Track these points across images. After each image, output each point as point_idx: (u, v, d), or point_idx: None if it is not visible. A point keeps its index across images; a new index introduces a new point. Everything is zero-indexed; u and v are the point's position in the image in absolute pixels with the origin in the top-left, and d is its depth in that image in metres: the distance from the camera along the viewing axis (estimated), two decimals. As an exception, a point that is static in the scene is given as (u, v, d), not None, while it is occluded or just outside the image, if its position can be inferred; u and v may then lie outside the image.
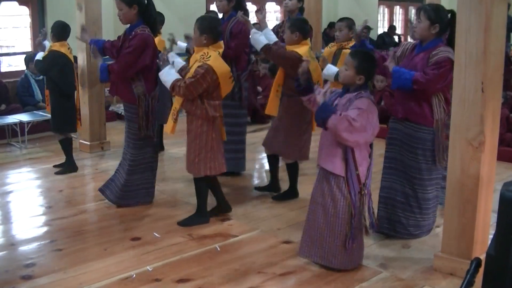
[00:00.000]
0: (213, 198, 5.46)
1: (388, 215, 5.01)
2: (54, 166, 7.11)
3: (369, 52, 4.61)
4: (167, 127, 5.32)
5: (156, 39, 6.07)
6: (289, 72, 5.53)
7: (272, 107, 5.84)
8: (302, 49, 5.63)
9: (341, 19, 6.58)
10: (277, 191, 6.18)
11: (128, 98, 5.56)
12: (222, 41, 5.29)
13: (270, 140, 5.96)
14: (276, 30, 7.07)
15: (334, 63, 6.18)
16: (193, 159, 5.17)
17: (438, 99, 4.74)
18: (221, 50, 5.19)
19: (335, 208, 4.27)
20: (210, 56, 5.03)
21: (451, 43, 4.71)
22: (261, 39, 5.70)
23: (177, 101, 5.23)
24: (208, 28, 5.08)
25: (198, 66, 4.98)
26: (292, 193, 6.08)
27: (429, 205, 4.97)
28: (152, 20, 5.62)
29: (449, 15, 4.74)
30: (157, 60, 5.33)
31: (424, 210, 4.95)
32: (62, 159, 7.13)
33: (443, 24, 4.70)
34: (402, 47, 5.02)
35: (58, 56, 6.71)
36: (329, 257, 4.36)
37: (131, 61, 5.41)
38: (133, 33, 5.46)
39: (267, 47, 5.67)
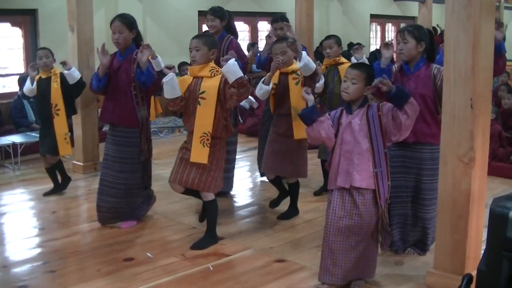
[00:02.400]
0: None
1: (403, 236, 5.02)
2: (44, 195, 6.93)
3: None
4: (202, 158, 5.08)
5: None
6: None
7: (301, 131, 5.52)
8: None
9: (329, 37, 6.64)
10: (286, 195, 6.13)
11: (131, 123, 5.54)
12: None
13: (270, 164, 5.85)
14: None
15: (330, 80, 6.25)
16: (206, 177, 5.10)
17: None
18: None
19: (364, 223, 4.20)
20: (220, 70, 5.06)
21: (430, 59, 4.78)
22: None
23: (201, 129, 5.03)
24: (215, 44, 5.16)
25: (223, 77, 4.95)
26: (294, 212, 6.07)
27: (431, 224, 4.93)
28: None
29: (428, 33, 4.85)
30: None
31: (426, 230, 4.94)
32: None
33: (427, 42, 4.76)
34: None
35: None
36: (366, 270, 4.38)
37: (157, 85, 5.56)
38: (135, 56, 5.45)
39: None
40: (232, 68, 4.84)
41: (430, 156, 4.80)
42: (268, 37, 6.60)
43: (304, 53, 5.45)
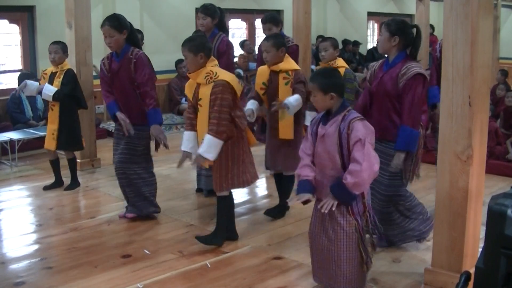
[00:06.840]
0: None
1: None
2: (44, 189, 7.00)
3: (326, 68, 4.58)
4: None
5: None
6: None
7: (287, 131, 5.75)
8: (292, 63, 5.67)
9: (325, 39, 6.59)
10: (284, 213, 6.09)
11: (142, 120, 5.62)
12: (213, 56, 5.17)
13: (273, 160, 5.94)
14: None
15: None
16: (226, 174, 5.05)
17: None
18: (216, 63, 5.10)
19: (337, 235, 3.94)
20: (217, 73, 4.94)
21: (413, 57, 4.78)
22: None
23: (201, 134, 5.04)
24: (201, 46, 4.98)
25: (214, 87, 4.88)
26: (282, 209, 6.05)
27: (418, 209, 4.96)
28: (137, 41, 5.75)
29: (414, 30, 4.82)
30: None
31: (415, 215, 4.94)
32: (52, 177, 7.11)
33: (404, 38, 4.74)
34: (370, 70, 5.03)
35: (75, 73, 6.95)
36: (338, 282, 4.03)
37: (154, 83, 5.64)
38: (131, 56, 5.54)
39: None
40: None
41: (387, 152, 4.80)
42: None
43: (291, 102, 5.49)
